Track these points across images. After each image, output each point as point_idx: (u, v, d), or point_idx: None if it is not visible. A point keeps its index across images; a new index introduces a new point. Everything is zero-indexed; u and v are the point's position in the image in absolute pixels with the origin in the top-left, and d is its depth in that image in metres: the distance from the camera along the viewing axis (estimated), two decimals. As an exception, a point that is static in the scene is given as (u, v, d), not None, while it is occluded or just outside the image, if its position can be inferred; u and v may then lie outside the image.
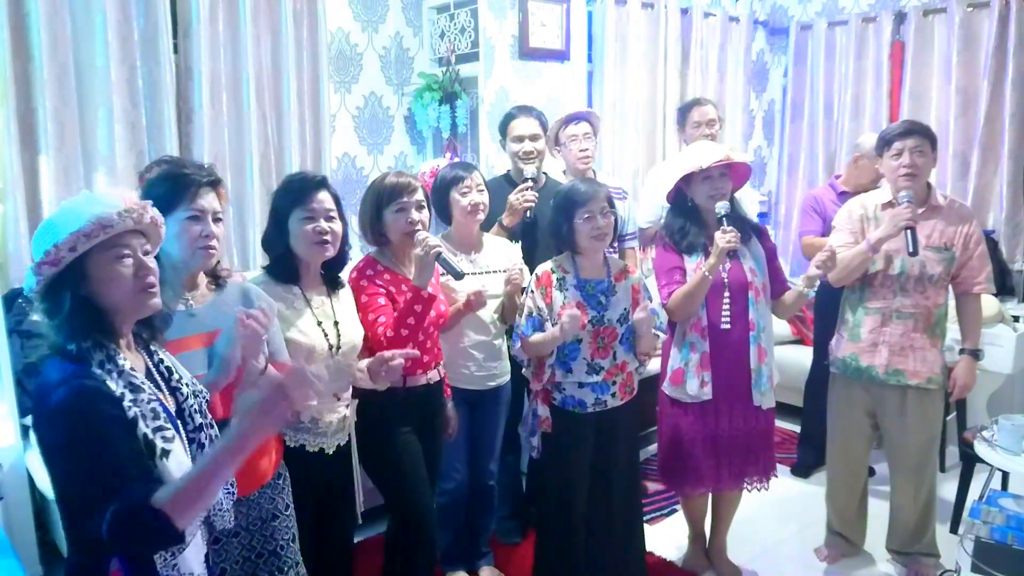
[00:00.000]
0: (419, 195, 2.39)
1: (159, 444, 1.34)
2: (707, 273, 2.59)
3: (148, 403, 1.37)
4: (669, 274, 2.73)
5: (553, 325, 2.51)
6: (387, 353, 2.12)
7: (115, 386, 1.34)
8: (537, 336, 2.52)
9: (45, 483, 2.43)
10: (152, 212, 1.45)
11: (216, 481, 1.30)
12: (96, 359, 1.35)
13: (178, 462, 1.37)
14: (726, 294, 2.68)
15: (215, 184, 1.83)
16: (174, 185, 1.77)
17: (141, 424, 1.34)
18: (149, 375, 1.48)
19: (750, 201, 3.78)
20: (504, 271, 2.75)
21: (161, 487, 1.27)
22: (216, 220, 1.81)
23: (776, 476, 2.90)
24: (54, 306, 1.37)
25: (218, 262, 1.90)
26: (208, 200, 1.80)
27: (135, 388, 1.37)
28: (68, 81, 2.88)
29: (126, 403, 1.34)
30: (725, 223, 2.58)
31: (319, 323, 2.13)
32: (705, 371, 2.70)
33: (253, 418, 1.28)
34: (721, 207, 2.62)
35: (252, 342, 1.75)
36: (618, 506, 2.69)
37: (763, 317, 2.72)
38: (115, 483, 1.26)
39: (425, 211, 2.41)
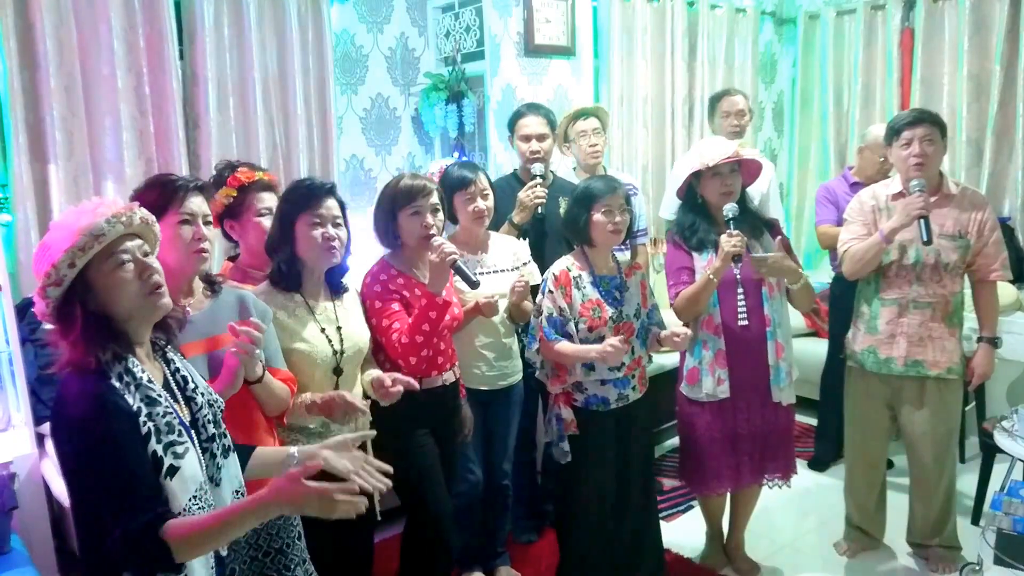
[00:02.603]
0: (434, 198, 2.38)
1: (167, 461, 1.35)
2: (712, 277, 2.57)
3: (163, 416, 1.37)
4: (677, 274, 2.71)
5: (576, 324, 2.50)
6: (386, 379, 2.11)
7: (132, 400, 1.34)
8: (568, 347, 2.48)
9: (62, 492, 2.44)
10: (141, 212, 1.44)
11: (226, 537, 1.37)
12: (115, 371, 1.35)
13: (187, 477, 1.37)
14: (740, 291, 2.65)
15: (202, 188, 1.84)
16: (161, 192, 1.79)
17: (152, 440, 1.34)
18: (166, 385, 1.48)
19: (772, 194, 3.77)
20: (511, 270, 2.74)
21: (173, 519, 1.30)
22: (206, 223, 1.83)
23: (796, 473, 2.87)
24: (67, 324, 1.36)
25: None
26: (197, 203, 1.81)
27: (152, 401, 1.37)
28: (75, 90, 2.89)
29: (141, 418, 1.34)
30: (731, 227, 2.56)
31: (322, 329, 2.13)
32: (721, 369, 2.67)
33: (278, 501, 1.33)
34: (729, 209, 2.59)
35: (244, 355, 1.77)
36: (635, 500, 2.67)
37: (778, 312, 2.70)
38: (126, 503, 1.28)
39: (440, 214, 2.40)
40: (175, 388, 1.49)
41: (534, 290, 2.69)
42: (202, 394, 1.53)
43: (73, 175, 2.91)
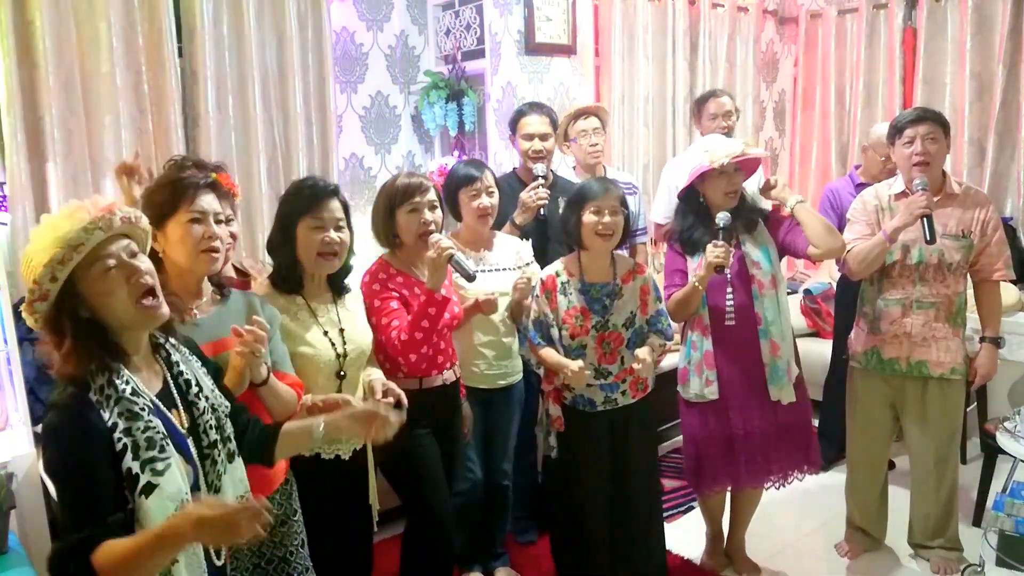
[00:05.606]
0: (431, 195, 2.37)
1: (144, 479, 1.30)
2: (697, 285, 2.57)
3: (144, 432, 1.32)
4: (671, 276, 2.73)
5: (560, 330, 2.52)
6: (378, 389, 2.09)
7: (108, 415, 1.31)
8: (549, 355, 2.53)
9: (59, 491, 2.43)
10: (122, 212, 1.38)
11: (148, 563, 1.24)
12: (97, 383, 1.32)
13: (167, 495, 1.32)
14: (729, 290, 2.64)
15: (214, 186, 1.82)
16: (172, 191, 1.76)
17: (128, 457, 1.30)
18: (165, 391, 1.44)
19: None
20: (514, 269, 2.73)
21: (107, 542, 1.23)
22: (218, 221, 1.80)
23: (816, 471, 2.83)
24: (59, 336, 1.34)
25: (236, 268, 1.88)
26: (208, 201, 1.78)
27: (132, 416, 1.33)
28: (74, 88, 2.88)
29: (116, 434, 1.30)
30: (720, 237, 2.54)
31: (325, 332, 2.11)
32: (709, 370, 2.66)
33: (195, 528, 1.22)
34: (720, 219, 2.57)
35: (248, 355, 1.73)
36: (636, 504, 2.66)
37: (770, 310, 2.67)
38: (76, 517, 1.27)
39: (438, 211, 2.39)
40: (175, 394, 1.46)
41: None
42: (206, 397, 1.50)
43: (72, 173, 2.90)
